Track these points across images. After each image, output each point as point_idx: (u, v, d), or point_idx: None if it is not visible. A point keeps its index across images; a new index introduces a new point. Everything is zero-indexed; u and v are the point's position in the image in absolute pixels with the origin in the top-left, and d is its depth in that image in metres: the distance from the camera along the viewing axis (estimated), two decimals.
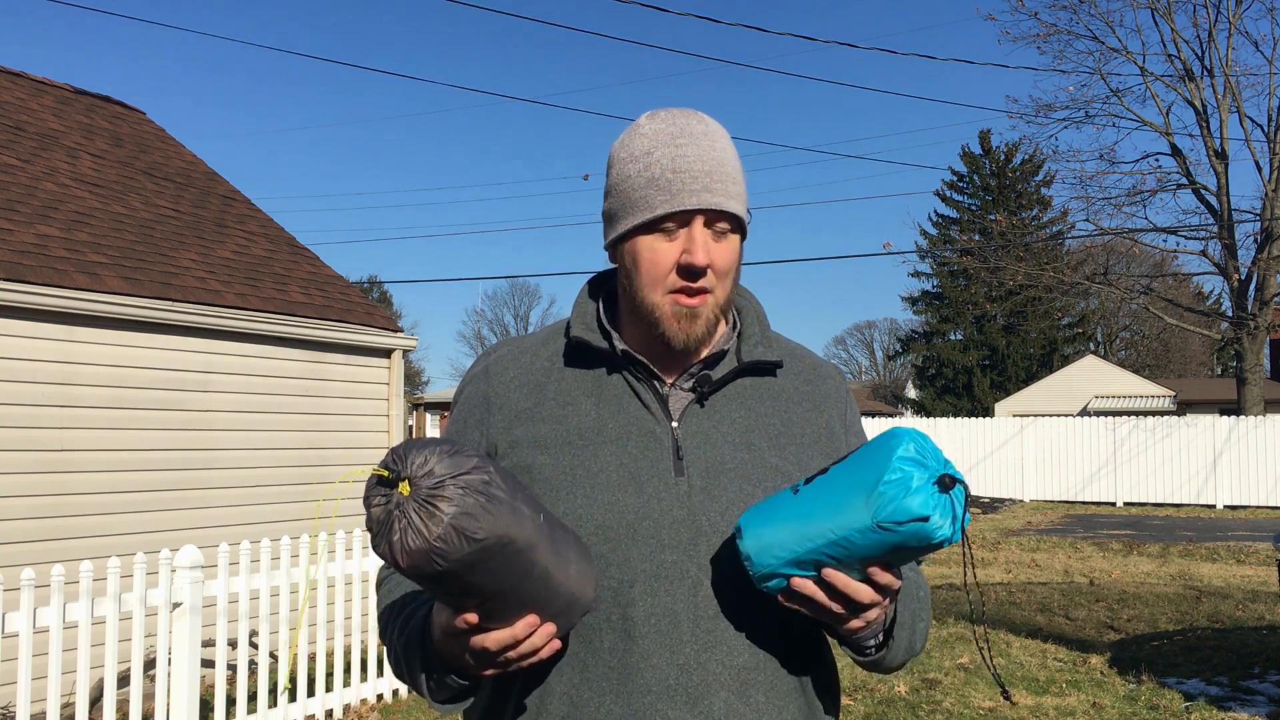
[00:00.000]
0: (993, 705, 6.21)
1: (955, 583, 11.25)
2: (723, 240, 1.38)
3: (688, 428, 1.40)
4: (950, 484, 1.19)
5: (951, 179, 44.76)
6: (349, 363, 8.72)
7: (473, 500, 1.10)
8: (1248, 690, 6.56)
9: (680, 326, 1.37)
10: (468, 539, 1.09)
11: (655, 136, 1.40)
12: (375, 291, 51.85)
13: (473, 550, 1.10)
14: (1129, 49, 29.51)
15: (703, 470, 1.38)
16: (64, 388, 6.59)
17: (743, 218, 1.40)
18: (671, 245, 1.37)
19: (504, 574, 1.15)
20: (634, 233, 1.39)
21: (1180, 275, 34.72)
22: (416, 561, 1.10)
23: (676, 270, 1.37)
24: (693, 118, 1.42)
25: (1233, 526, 18.08)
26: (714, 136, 1.40)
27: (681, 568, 1.34)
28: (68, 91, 10.09)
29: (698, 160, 1.37)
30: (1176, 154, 25.35)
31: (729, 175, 1.38)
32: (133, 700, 4.81)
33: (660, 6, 12.98)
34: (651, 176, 1.37)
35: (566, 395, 1.43)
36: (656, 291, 1.38)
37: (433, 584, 1.14)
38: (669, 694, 1.31)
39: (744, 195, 1.41)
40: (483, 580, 1.14)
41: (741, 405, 1.44)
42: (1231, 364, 31.22)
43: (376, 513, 1.11)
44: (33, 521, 6.35)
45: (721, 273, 1.38)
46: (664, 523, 1.35)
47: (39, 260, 6.63)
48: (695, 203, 1.35)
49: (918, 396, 46.61)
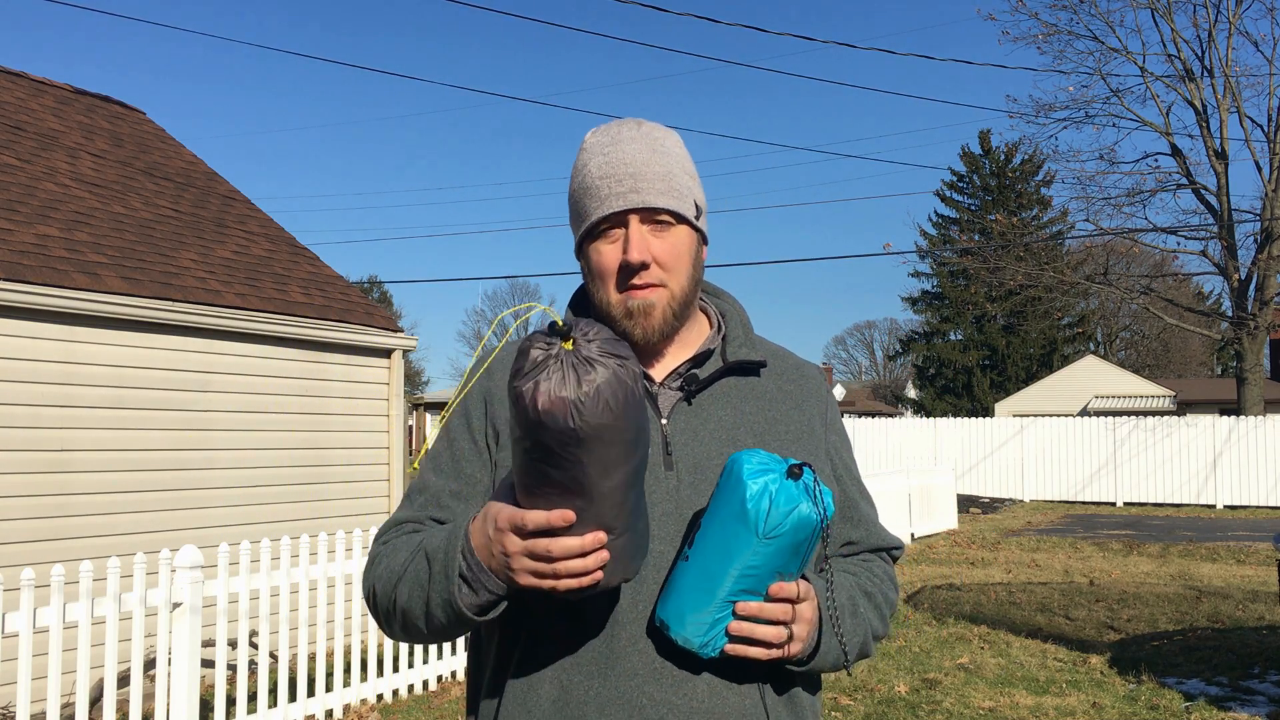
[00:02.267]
0: (993, 705, 6.21)
1: (955, 582, 11.25)
2: (664, 235, 1.43)
3: (676, 424, 1.46)
4: (798, 472, 1.29)
5: (951, 179, 44.80)
6: (349, 363, 8.72)
7: (622, 386, 1.17)
8: (1248, 690, 6.56)
9: (635, 321, 1.43)
10: (608, 409, 1.16)
11: (591, 149, 1.47)
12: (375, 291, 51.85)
13: (605, 424, 1.16)
14: (1129, 49, 29.54)
15: (690, 465, 1.43)
16: (64, 388, 6.59)
17: (678, 211, 1.43)
18: (614, 247, 1.43)
19: (609, 471, 1.19)
20: (583, 242, 1.47)
21: (1180, 275, 34.73)
22: (556, 409, 1.15)
23: (619, 270, 1.42)
24: (627, 125, 1.48)
25: (1233, 526, 18.08)
26: (646, 139, 1.45)
27: (668, 558, 1.38)
28: (68, 91, 10.09)
29: (623, 164, 1.42)
30: (1176, 154, 25.35)
31: (658, 173, 1.42)
32: (133, 700, 4.81)
33: (660, 6, 12.98)
34: (585, 186, 1.45)
35: None
36: (610, 292, 1.44)
37: (544, 453, 1.17)
38: (655, 677, 1.35)
39: (685, 190, 1.45)
40: (591, 467, 1.17)
41: (727, 404, 1.50)
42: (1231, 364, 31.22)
43: (536, 355, 1.18)
44: (33, 521, 6.35)
45: (667, 265, 1.43)
46: (654, 515, 1.39)
47: (39, 260, 6.63)
48: (621, 204, 1.41)
49: (918, 396, 46.61)
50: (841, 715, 6.05)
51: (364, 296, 9.65)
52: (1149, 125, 25.50)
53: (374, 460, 8.85)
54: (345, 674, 6.47)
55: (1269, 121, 24.10)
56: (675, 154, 1.47)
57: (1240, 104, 24.43)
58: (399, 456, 9.08)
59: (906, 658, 7.50)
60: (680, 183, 1.45)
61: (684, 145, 1.52)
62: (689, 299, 1.46)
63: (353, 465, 8.64)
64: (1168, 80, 25.15)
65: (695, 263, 1.47)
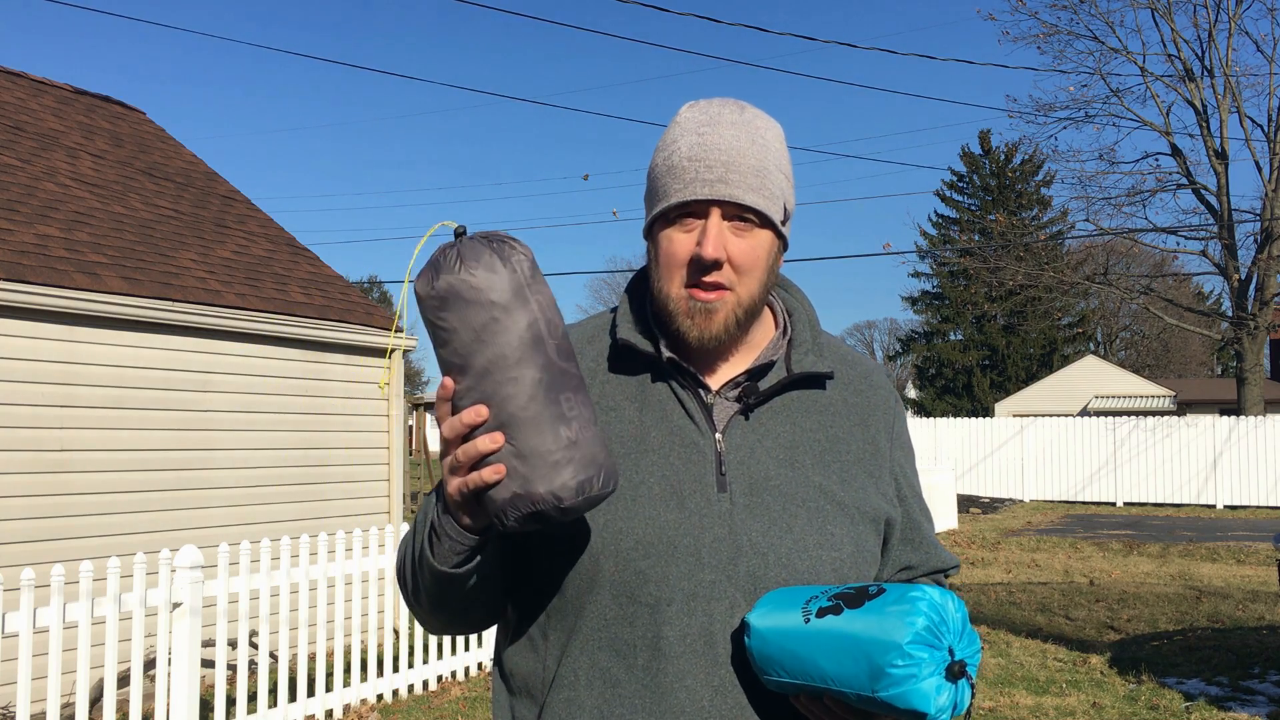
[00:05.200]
0: (993, 705, 6.21)
1: (955, 582, 11.25)
2: (745, 235, 1.32)
3: (732, 440, 1.36)
4: (959, 673, 1.17)
5: (951, 179, 44.78)
6: (349, 363, 8.72)
7: (484, 251, 1.20)
8: (1248, 690, 6.56)
9: (695, 323, 1.33)
10: (466, 269, 1.19)
11: (685, 124, 1.35)
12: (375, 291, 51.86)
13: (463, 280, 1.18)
14: (1129, 49, 29.52)
15: (745, 486, 1.33)
16: (64, 388, 6.59)
17: (765, 212, 1.33)
18: (688, 237, 1.32)
19: (485, 340, 1.19)
20: (656, 223, 1.35)
21: (1180, 275, 34.75)
22: (422, 277, 1.21)
23: (689, 262, 1.32)
24: (729, 107, 1.36)
25: (1233, 526, 18.08)
26: (747, 126, 1.34)
27: (719, 587, 1.30)
28: (68, 91, 10.09)
29: (718, 149, 1.31)
30: (1176, 154, 25.34)
31: (753, 167, 1.32)
32: (133, 700, 4.81)
33: (661, 6, 12.99)
34: (671, 165, 1.33)
35: (611, 400, 1.39)
36: (673, 284, 1.33)
37: (431, 330, 1.22)
38: (702, 715, 1.28)
39: (777, 191, 1.35)
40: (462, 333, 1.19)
41: (788, 419, 1.39)
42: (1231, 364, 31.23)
43: (433, 256, 1.22)
44: (33, 521, 6.35)
45: (742, 269, 1.32)
46: (704, 540, 1.30)
47: (39, 260, 6.63)
48: (707, 193, 1.30)
49: (918, 396, 46.60)
50: None
51: (364, 296, 9.65)
52: (1149, 125, 25.51)
53: (374, 460, 8.85)
54: (345, 674, 6.47)
55: (1269, 121, 24.11)
56: (774, 149, 1.35)
57: (1240, 104, 24.43)
58: (399, 456, 9.08)
59: None
60: (774, 181, 1.34)
61: (785, 140, 1.40)
62: (757, 307, 1.36)
63: (353, 465, 8.64)
64: (1168, 80, 25.16)
65: (771, 269, 1.36)
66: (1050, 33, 25.30)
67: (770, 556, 1.31)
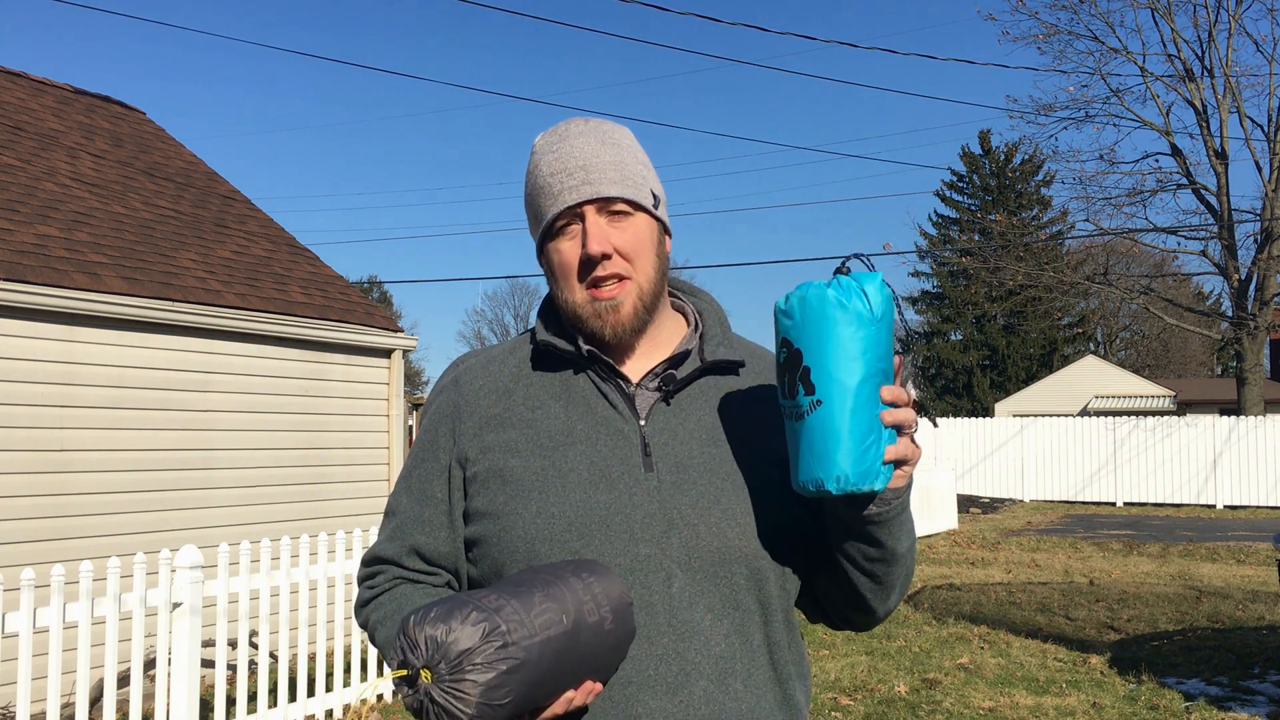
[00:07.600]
0: (993, 705, 6.21)
1: (956, 582, 11.25)
2: (624, 223, 1.41)
3: (655, 425, 1.43)
4: (846, 269, 1.29)
5: (951, 179, 44.80)
6: (349, 363, 8.72)
7: (493, 674, 1.15)
8: (1248, 690, 6.56)
9: (604, 320, 1.41)
10: (498, 706, 1.16)
11: (541, 149, 1.45)
12: (375, 291, 51.87)
13: (509, 705, 1.17)
14: (1129, 49, 29.51)
15: (672, 465, 1.40)
16: (64, 388, 6.59)
17: (634, 199, 1.41)
18: (573, 243, 1.41)
19: (548, 686, 1.21)
20: (543, 243, 1.45)
21: (1180, 275, 34.75)
22: None
23: (581, 265, 1.40)
24: (574, 123, 1.47)
25: (1233, 526, 18.08)
26: (595, 131, 1.44)
27: (655, 560, 1.36)
28: (68, 91, 10.09)
29: (573, 157, 1.41)
30: (1176, 154, 25.34)
31: (610, 163, 1.41)
32: (133, 700, 4.81)
33: (661, 6, 12.98)
34: (538, 186, 1.43)
35: (535, 399, 1.46)
36: (573, 291, 1.42)
37: None
38: (649, 684, 1.33)
39: (639, 179, 1.43)
40: (533, 703, 1.21)
41: (706, 403, 1.47)
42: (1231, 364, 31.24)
43: (410, 703, 1.17)
44: (33, 521, 6.35)
45: (631, 255, 1.40)
46: (636, 516, 1.37)
47: (39, 260, 6.63)
48: (575, 197, 1.39)
49: (918, 396, 46.53)
50: (841, 715, 6.05)
51: (364, 296, 9.65)
52: (1149, 125, 25.50)
53: (374, 460, 8.86)
54: (345, 674, 6.47)
55: (1269, 121, 24.11)
56: (626, 144, 1.45)
57: (1240, 104, 24.43)
58: (399, 456, 9.08)
59: (906, 658, 7.50)
60: (634, 171, 1.43)
61: (635, 138, 1.50)
62: (657, 290, 1.44)
63: (352, 465, 8.64)
64: (1168, 80, 25.16)
65: (659, 253, 1.45)
66: (1050, 33, 25.32)
67: (701, 528, 1.37)
